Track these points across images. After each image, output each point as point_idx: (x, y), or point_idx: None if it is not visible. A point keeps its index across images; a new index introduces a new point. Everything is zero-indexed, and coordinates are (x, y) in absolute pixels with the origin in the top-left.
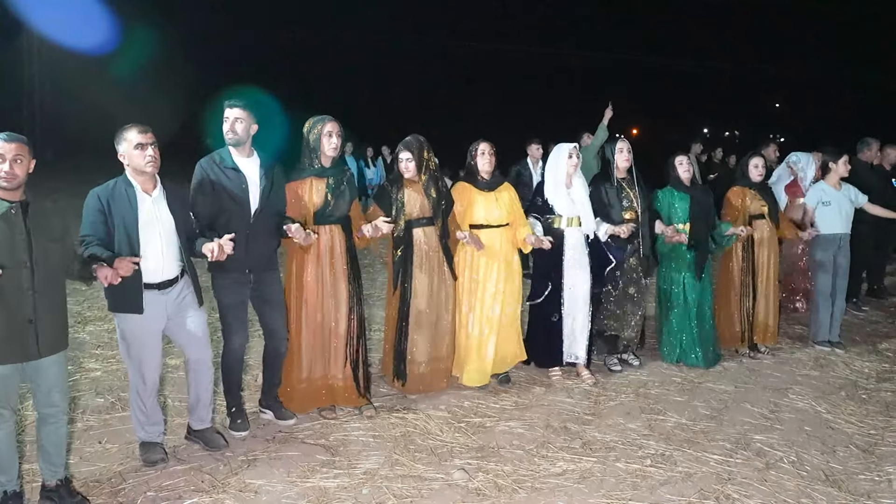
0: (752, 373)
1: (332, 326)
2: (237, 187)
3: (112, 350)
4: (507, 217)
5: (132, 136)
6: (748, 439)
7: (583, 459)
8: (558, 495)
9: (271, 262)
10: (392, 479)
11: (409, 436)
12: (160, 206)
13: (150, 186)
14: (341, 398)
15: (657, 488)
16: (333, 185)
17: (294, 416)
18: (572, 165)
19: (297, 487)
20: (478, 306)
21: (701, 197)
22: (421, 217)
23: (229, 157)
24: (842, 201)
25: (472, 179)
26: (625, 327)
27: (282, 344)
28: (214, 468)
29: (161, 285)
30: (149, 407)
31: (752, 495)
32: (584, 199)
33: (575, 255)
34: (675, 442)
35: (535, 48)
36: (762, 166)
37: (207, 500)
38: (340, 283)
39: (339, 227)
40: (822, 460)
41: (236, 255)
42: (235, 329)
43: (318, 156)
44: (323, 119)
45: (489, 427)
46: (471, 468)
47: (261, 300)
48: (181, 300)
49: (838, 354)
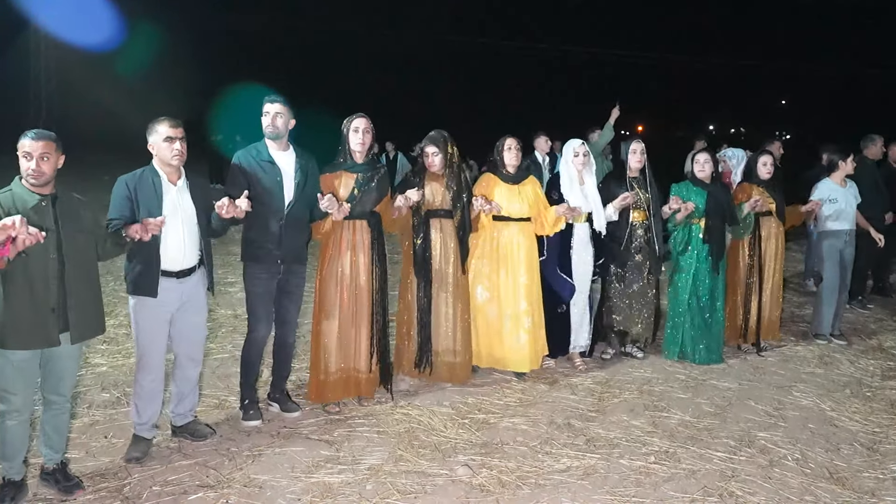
0: (756, 370)
1: (355, 321)
2: (272, 180)
3: (117, 346)
4: (530, 211)
5: (163, 129)
6: (752, 436)
7: (586, 456)
8: (562, 492)
9: (301, 254)
10: (396, 475)
11: (413, 432)
12: (183, 197)
13: (175, 177)
14: (365, 390)
15: (661, 485)
16: (362, 181)
17: (299, 408)
18: (579, 164)
19: (301, 482)
20: (502, 298)
21: (718, 193)
22: (439, 209)
23: (266, 150)
24: (847, 198)
25: (498, 171)
26: (632, 323)
27: (290, 332)
28: (219, 463)
29: (180, 273)
30: (148, 391)
31: (755, 492)
32: (595, 195)
33: (580, 248)
34: (678, 439)
35: (541, 44)
36: (770, 164)
37: (212, 495)
38: (363, 277)
39: (365, 222)
40: (826, 458)
41: (269, 246)
42: (262, 318)
43: (347, 151)
44: (353, 116)
45: (493, 423)
46: (475, 464)
47: (281, 290)
48: (194, 292)
49: (840, 346)
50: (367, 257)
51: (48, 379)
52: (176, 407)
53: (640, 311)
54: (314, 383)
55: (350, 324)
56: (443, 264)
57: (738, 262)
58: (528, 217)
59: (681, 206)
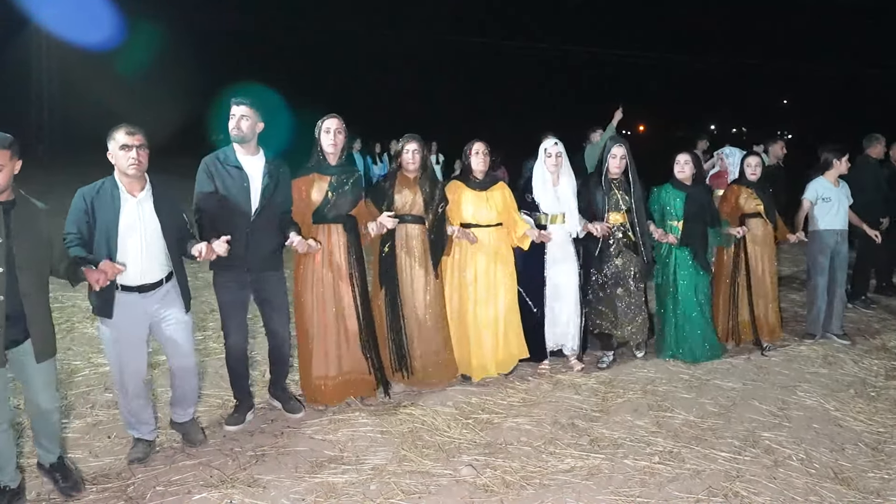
0: (759, 370)
1: (338, 326)
2: (239, 185)
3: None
4: (499, 217)
5: (119, 136)
6: (756, 437)
7: (591, 456)
8: (566, 492)
9: (273, 262)
10: (400, 475)
11: (417, 432)
12: (144, 208)
13: (136, 187)
14: (363, 390)
15: (665, 485)
16: (336, 184)
17: (303, 408)
18: (552, 164)
19: (305, 483)
20: (471, 305)
21: (698, 195)
22: (408, 214)
23: (233, 155)
24: (840, 198)
25: (465, 178)
26: (619, 326)
27: (284, 345)
28: (223, 463)
29: (141, 288)
30: (134, 408)
31: (760, 493)
32: (569, 197)
33: (558, 251)
34: (683, 439)
35: (541, 43)
36: (756, 165)
37: (216, 495)
38: (341, 282)
39: (341, 226)
40: (831, 458)
41: (236, 253)
42: (232, 329)
43: (320, 152)
44: (326, 116)
45: (497, 423)
46: (479, 464)
47: (262, 300)
48: (164, 304)
49: (843, 346)
50: (345, 261)
51: (27, 392)
52: (175, 407)
53: (625, 313)
54: (307, 391)
55: (334, 329)
56: (411, 271)
57: (722, 262)
58: (497, 223)
59: (662, 239)
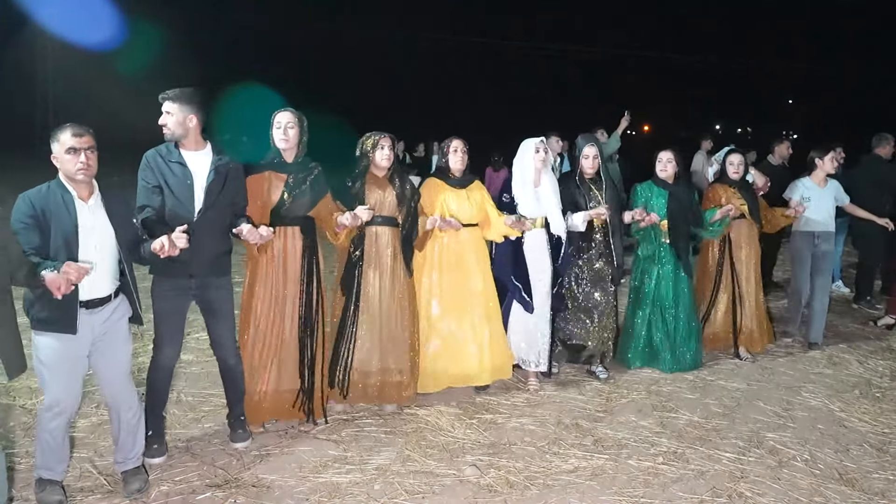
0: (764, 371)
1: (283, 336)
2: (182, 183)
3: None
4: (478, 216)
5: (65, 138)
6: (761, 437)
7: (594, 457)
8: (570, 492)
9: (219, 266)
10: (404, 475)
11: (421, 432)
12: (97, 215)
13: (85, 193)
14: (287, 412)
15: (669, 486)
16: (293, 183)
17: (248, 437)
18: (539, 161)
19: (309, 482)
20: (453, 309)
21: (680, 193)
22: (377, 215)
23: (176, 150)
24: (823, 198)
25: (444, 176)
26: (590, 337)
27: (230, 356)
28: (227, 463)
29: (89, 304)
30: (58, 442)
31: (764, 493)
32: (552, 198)
33: (535, 256)
34: (687, 440)
35: (547, 43)
36: (739, 164)
37: (220, 495)
38: (293, 288)
39: (298, 228)
40: (836, 459)
41: (178, 257)
42: (166, 340)
43: (275, 149)
44: (278, 110)
45: (500, 424)
46: (482, 464)
47: (205, 309)
48: (111, 324)
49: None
50: (299, 267)
51: None
52: (117, 454)
53: (598, 321)
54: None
55: (278, 340)
56: (379, 280)
57: (707, 268)
58: (476, 223)
59: (644, 218)
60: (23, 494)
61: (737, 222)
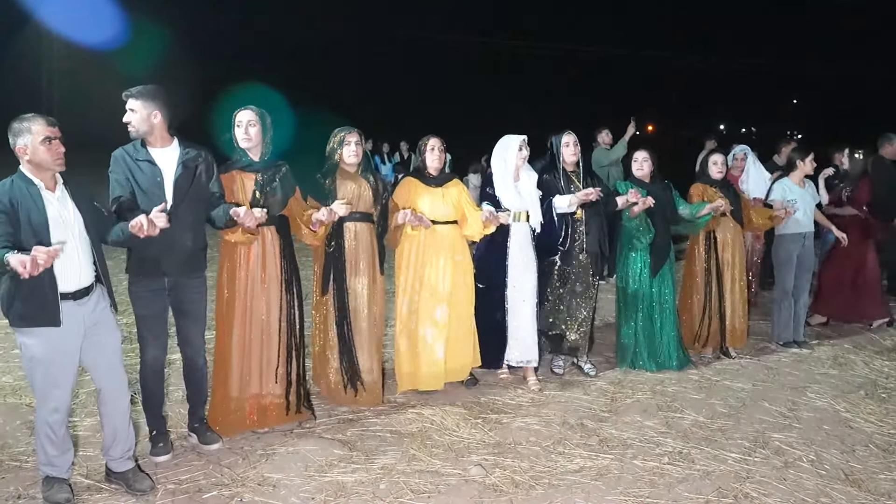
0: (769, 371)
1: (263, 339)
2: (151, 181)
3: (132, 344)
4: (455, 214)
5: (39, 127)
6: (766, 438)
7: (600, 456)
8: (575, 492)
9: (192, 265)
10: (409, 475)
11: (426, 431)
12: (66, 205)
13: (52, 184)
14: (272, 418)
15: (675, 486)
16: (263, 182)
17: (220, 439)
18: (521, 158)
19: (314, 482)
20: (422, 307)
21: (657, 192)
22: (355, 211)
23: (143, 149)
24: (805, 199)
25: (420, 175)
26: (570, 328)
27: (197, 354)
28: (233, 462)
29: (77, 294)
30: (60, 437)
31: (770, 494)
32: (532, 193)
33: (520, 252)
34: (692, 440)
35: (552, 42)
36: (722, 163)
37: (226, 494)
38: (272, 290)
39: (273, 228)
40: (842, 459)
41: (151, 257)
42: (149, 342)
43: (240, 148)
44: (239, 108)
45: (506, 423)
46: (488, 464)
47: (177, 308)
48: (98, 313)
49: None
50: (277, 268)
51: None
52: (109, 450)
53: (576, 312)
54: (213, 410)
55: (257, 344)
56: (358, 276)
57: (693, 268)
58: (454, 220)
59: (639, 200)
60: (30, 492)
61: (722, 222)
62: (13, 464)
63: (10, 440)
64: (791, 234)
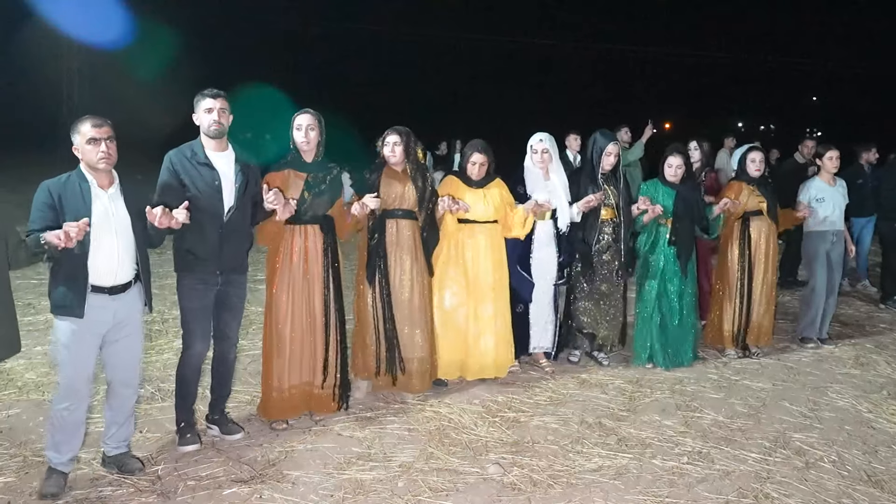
0: (790, 371)
1: (306, 334)
2: (210, 184)
3: (152, 341)
4: (496, 214)
5: (86, 129)
6: (787, 438)
7: (618, 456)
8: (594, 491)
9: (242, 264)
10: (427, 473)
11: (444, 430)
12: (117, 204)
13: (105, 182)
14: (316, 405)
15: (694, 486)
16: (312, 183)
17: (242, 430)
18: (538, 161)
19: (333, 479)
20: (468, 303)
21: (687, 194)
22: (398, 208)
23: (202, 151)
24: (835, 197)
25: (462, 176)
26: (599, 325)
27: (231, 350)
28: (252, 459)
29: (113, 290)
30: (70, 424)
31: (791, 494)
32: (560, 193)
33: (542, 247)
34: (712, 440)
35: (569, 41)
36: (760, 161)
37: (246, 490)
38: (315, 287)
39: (318, 227)
40: (864, 460)
41: (208, 255)
42: (198, 335)
43: (295, 149)
44: (298, 112)
45: (523, 422)
46: (506, 462)
47: (221, 304)
48: (129, 310)
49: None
50: (321, 265)
51: None
52: (109, 437)
53: (606, 312)
54: (265, 400)
55: (304, 338)
56: (400, 269)
57: (726, 265)
58: (494, 220)
59: (649, 208)
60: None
61: (755, 220)
62: (36, 459)
63: (34, 436)
64: (818, 231)
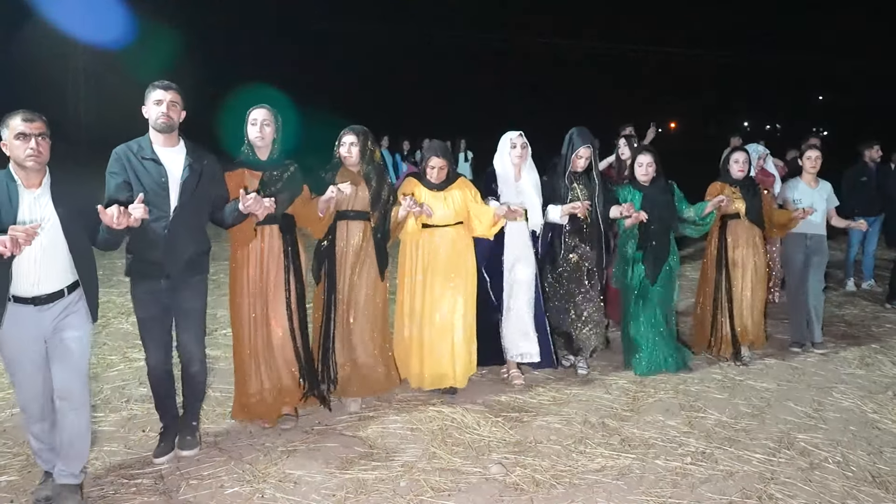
0: (794, 371)
1: (271, 336)
2: (155, 181)
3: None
4: (458, 216)
5: (15, 123)
6: (791, 438)
7: (621, 456)
8: (597, 491)
9: (196, 266)
10: (430, 472)
11: (447, 429)
12: (42, 203)
13: (34, 181)
14: (291, 404)
15: (698, 486)
16: (267, 181)
17: (198, 445)
18: (516, 156)
19: (335, 478)
20: (426, 309)
21: (655, 195)
22: (349, 209)
23: (149, 147)
24: (815, 200)
25: (422, 178)
26: (574, 328)
27: (193, 362)
28: (254, 458)
29: (37, 300)
30: (38, 433)
31: (795, 495)
32: (531, 193)
33: (516, 250)
34: (715, 440)
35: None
36: (743, 162)
37: (248, 490)
38: (276, 288)
39: (276, 227)
40: (869, 461)
41: (152, 259)
42: (150, 346)
43: (248, 145)
44: (253, 107)
45: (526, 422)
46: (508, 462)
47: (175, 309)
48: (62, 319)
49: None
50: (280, 267)
51: None
52: (59, 463)
53: (580, 313)
54: (236, 404)
55: (266, 340)
56: (349, 272)
57: (706, 270)
58: (457, 222)
59: (631, 214)
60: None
61: (732, 223)
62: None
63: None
64: (795, 233)
